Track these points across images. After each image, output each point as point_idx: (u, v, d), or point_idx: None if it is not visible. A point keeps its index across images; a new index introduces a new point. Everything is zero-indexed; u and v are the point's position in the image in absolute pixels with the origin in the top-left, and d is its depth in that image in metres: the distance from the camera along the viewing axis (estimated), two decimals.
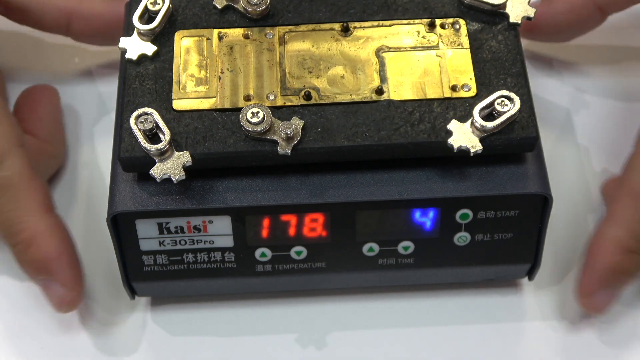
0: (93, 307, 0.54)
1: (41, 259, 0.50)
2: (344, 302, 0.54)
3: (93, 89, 0.61)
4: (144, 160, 0.46)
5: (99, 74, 0.61)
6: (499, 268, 0.52)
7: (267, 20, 0.51)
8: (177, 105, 0.48)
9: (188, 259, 0.50)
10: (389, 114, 0.48)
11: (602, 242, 0.49)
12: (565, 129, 0.59)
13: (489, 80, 0.49)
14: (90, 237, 0.55)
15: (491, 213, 0.49)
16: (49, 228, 0.50)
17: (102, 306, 0.54)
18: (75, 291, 0.50)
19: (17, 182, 0.49)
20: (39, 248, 0.49)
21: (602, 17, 0.57)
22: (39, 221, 0.49)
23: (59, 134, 0.57)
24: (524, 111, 0.47)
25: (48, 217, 0.50)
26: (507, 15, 0.50)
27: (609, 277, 0.49)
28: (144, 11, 0.50)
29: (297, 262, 0.51)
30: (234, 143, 0.47)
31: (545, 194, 0.48)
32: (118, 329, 0.53)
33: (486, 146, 0.47)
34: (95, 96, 0.61)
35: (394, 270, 0.51)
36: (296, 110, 0.48)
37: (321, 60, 0.50)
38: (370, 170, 0.48)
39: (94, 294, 0.54)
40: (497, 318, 0.53)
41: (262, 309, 0.54)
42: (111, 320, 0.53)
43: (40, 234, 0.49)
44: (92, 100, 0.61)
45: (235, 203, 0.48)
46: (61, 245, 0.50)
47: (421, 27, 0.51)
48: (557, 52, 0.60)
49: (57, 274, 0.50)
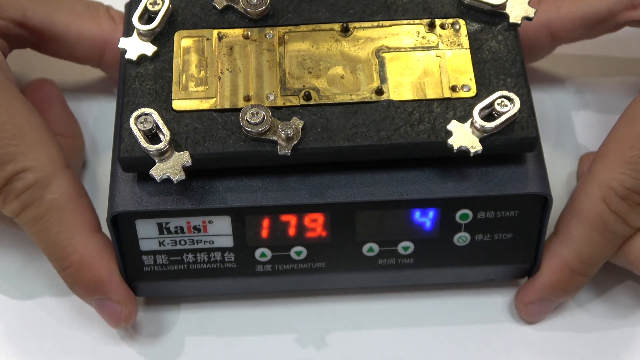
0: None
1: (94, 280, 0.50)
2: (343, 302, 0.54)
3: (93, 88, 0.61)
4: (143, 160, 0.46)
5: (99, 74, 0.61)
6: (499, 268, 0.52)
7: (266, 20, 0.51)
8: (176, 106, 0.48)
9: (188, 259, 0.50)
10: (388, 114, 0.48)
11: (550, 258, 0.51)
12: (565, 129, 0.59)
13: (488, 81, 0.49)
14: None
15: (491, 213, 0.49)
16: (97, 249, 0.50)
17: None
18: (131, 306, 0.51)
19: (64, 204, 0.49)
20: (91, 270, 0.49)
21: (553, 45, 0.57)
22: (87, 243, 0.49)
23: (76, 126, 0.57)
24: (524, 111, 0.47)
25: (97, 238, 0.50)
26: (507, 16, 0.50)
27: (550, 291, 0.51)
28: (143, 11, 0.50)
29: (297, 262, 0.51)
30: (233, 143, 0.47)
31: (545, 194, 0.48)
32: (118, 330, 0.53)
33: (486, 146, 0.47)
34: (95, 96, 0.61)
35: (393, 270, 0.51)
36: (296, 110, 0.48)
37: (321, 61, 0.50)
38: (370, 171, 0.48)
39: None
40: (497, 318, 0.53)
41: (262, 308, 0.54)
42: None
43: (90, 255, 0.49)
44: (92, 99, 0.61)
45: (235, 203, 0.48)
46: (111, 264, 0.50)
47: (421, 28, 0.51)
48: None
49: (111, 293, 0.50)
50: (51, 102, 0.57)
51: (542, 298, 0.52)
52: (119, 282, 0.50)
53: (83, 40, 0.55)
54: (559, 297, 0.52)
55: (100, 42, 0.55)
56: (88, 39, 0.55)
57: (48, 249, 0.50)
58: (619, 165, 0.49)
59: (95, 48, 0.56)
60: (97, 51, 0.56)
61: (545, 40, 0.56)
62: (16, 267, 0.55)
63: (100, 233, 0.50)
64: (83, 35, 0.55)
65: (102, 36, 0.55)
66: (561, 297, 0.52)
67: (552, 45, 0.57)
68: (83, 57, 0.57)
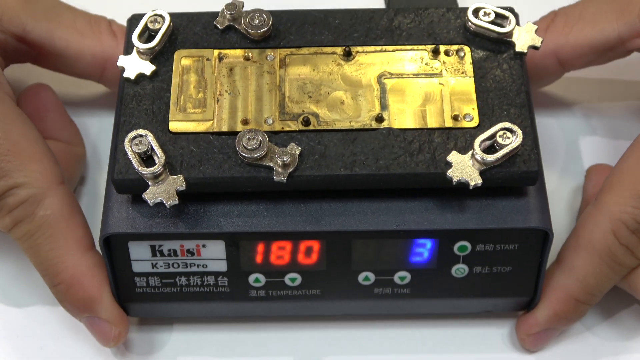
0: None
1: (84, 299, 0.49)
2: (338, 328, 0.53)
3: (96, 99, 0.61)
4: (137, 182, 0.46)
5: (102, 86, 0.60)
6: (497, 300, 0.51)
7: (268, 42, 0.50)
8: (173, 127, 0.47)
9: (181, 282, 0.50)
10: (388, 143, 0.47)
11: (554, 289, 0.50)
12: (571, 157, 0.58)
13: (492, 111, 0.48)
14: None
15: (490, 246, 0.48)
16: (89, 267, 0.49)
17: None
18: (121, 326, 0.50)
19: (56, 221, 0.48)
20: (81, 288, 0.49)
21: (561, 71, 0.56)
22: (79, 261, 0.49)
23: (76, 132, 0.57)
24: (526, 144, 0.46)
25: (89, 256, 0.49)
26: (513, 44, 0.49)
27: (555, 321, 0.51)
28: (144, 29, 0.50)
29: (291, 288, 0.50)
30: (229, 168, 0.46)
31: (545, 229, 0.47)
32: (110, 349, 0.53)
33: (486, 179, 0.46)
34: (98, 108, 0.60)
35: (389, 299, 0.51)
36: (294, 136, 0.47)
37: (322, 85, 0.49)
38: (367, 199, 0.47)
39: None
40: (494, 349, 0.53)
41: (256, 332, 0.53)
42: None
43: (81, 274, 0.49)
44: (94, 111, 0.60)
45: (229, 228, 0.47)
46: (102, 283, 0.49)
47: (425, 54, 0.50)
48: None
49: (101, 312, 0.50)
50: (48, 108, 0.56)
51: (546, 328, 0.51)
52: (109, 301, 0.50)
53: (84, 57, 0.55)
54: (563, 326, 0.51)
55: (101, 58, 0.55)
56: (89, 56, 0.55)
57: (39, 265, 0.49)
58: (630, 198, 0.48)
59: (96, 64, 0.55)
60: (98, 67, 0.55)
61: (554, 66, 0.55)
62: (16, 267, 0.55)
63: (93, 251, 0.50)
64: (84, 52, 0.54)
65: (103, 53, 0.54)
66: (565, 325, 0.52)
67: (560, 72, 0.56)
68: (84, 72, 0.56)
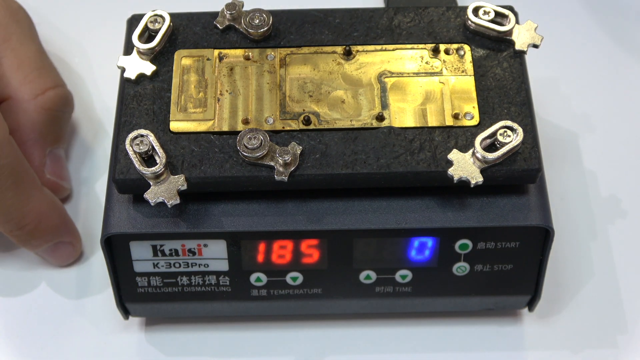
0: (87, 326, 0.53)
1: (51, 231, 0.52)
2: (340, 327, 0.53)
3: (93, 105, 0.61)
4: (138, 182, 0.46)
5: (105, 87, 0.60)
6: (498, 299, 0.51)
7: (268, 41, 0.50)
8: (174, 127, 0.47)
9: (182, 282, 0.50)
10: (388, 142, 0.47)
11: None
12: (572, 154, 0.58)
13: (492, 109, 0.48)
14: (85, 254, 0.55)
15: (491, 244, 0.48)
16: (48, 201, 0.51)
17: (95, 325, 0.53)
18: (80, 245, 0.54)
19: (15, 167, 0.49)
20: (47, 222, 0.51)
21: None
22: (40, 197, 0.51)
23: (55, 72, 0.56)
24: (527, 142, 0.47)
25: (45, 192, 0.51)
26: (513, 43, 0.49)
27: None
28: (144, 29, 0.50)
29: (293, 287, 0.50)
30: (230, 167, 0.46)
31: (546, 226, 0.47)
32: (112, 349, 0.53)
33: (487, 177, 0.46)
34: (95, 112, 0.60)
35: (391, 298, 0.51)
36: (295, 135, 0.47)
37: (322, 84, 0.49)
38: (368, 198, 0.47)
39: (88, 312, 0.54)
40: (496, 347, 0.53)
41: (257, 332, 0.53)
42: (105, 340, 0.53)
43: (46, 208, 0.51)
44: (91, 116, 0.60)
45: (230, 228, 0.47)
46: (61, 208, 0.52)
47: (425, 53, 0.50)
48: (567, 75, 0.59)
49: (65, 236, 0.53)
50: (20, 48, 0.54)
51: None
52: (71, 223, 0.53)
53: None
54: None
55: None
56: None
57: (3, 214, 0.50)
58: None
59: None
60: None
61: None
62: (16, 267, 0.55)
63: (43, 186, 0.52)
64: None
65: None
66: None
67: None
68: None
